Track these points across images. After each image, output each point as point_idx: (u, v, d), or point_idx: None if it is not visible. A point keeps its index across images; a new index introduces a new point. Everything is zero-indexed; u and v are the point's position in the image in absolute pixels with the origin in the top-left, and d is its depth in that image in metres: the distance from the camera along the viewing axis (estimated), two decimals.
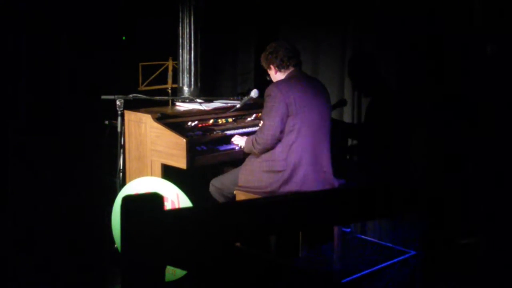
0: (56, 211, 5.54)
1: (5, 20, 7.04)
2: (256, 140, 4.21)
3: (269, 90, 4.18)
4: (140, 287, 1.58)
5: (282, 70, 4.32)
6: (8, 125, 7.15)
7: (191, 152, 4.31)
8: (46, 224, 5.29)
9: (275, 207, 2.15)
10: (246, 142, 4.35)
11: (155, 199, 1.61)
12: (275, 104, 4.11)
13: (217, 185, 4.47)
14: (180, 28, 5.18)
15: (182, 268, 2.81)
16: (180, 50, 5.20)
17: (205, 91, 5.29)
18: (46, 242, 4.89)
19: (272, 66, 4.35)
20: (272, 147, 4.17)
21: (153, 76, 5.79)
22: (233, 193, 4.35)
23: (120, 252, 1.73)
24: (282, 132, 4.12)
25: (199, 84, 5.21)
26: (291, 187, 4.14)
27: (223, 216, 1.92)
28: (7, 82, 7.15)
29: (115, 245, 4.46)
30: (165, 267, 1.69)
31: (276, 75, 4.35)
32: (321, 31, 5.33)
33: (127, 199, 1.63)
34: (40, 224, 5.31)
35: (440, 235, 4.44)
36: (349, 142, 5.18)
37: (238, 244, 4.07)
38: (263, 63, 4.42)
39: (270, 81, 4.42)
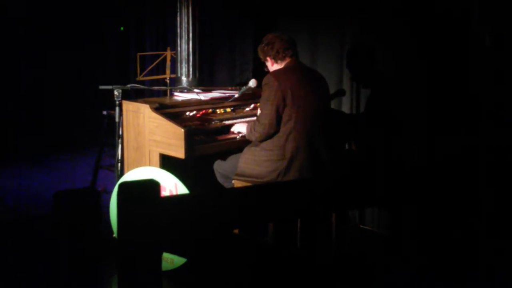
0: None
1: (4, 14, 7.04)
2: (254, 128, 4.22)
3: (266, 79, 4.18)
4: (137, 272, 1.58)
5: (279, 61, 4.32)
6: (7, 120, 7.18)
7: (189, 142, 4.31)
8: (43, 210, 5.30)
9: (273, 194, 2.15)
10: (247, 128, 4.36)
11: (152, 185, 1.61)
12: (271, 93, 4.11)
13: (220, 170, 4.50)
14: (178, 18, 5.17)
15: (179, 254, 2.82)
16: (178, 40, 5.19)
17: (203, 81, 5.28)
18: (44, 232, 4.89)
19: (268, 58, 4.36)
20: (269, 136, 4.17)
21: (151, 66, 5.79)
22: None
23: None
24: (279, 120, 4.13)
25: (197, 74, 5.21)
26: (289, 176, 4.14)
27: (220, 203, 1.92)
28: (6, 77, 7.17)
29: (114, 235, 4.46)
30: (161, 253, 1.70)
31: (273, 67, 4.36)
32: (320, 21, 5.32)
33: (123, 186, 1.63)
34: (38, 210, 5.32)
35: (431, 226, 4.45)
36: (347, 131, 5.17)
37: (236, 231, 4.08)
38: (260, 55, 4.44)
39: (268, 72, 4.42)
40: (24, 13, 7.19)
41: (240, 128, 4.56)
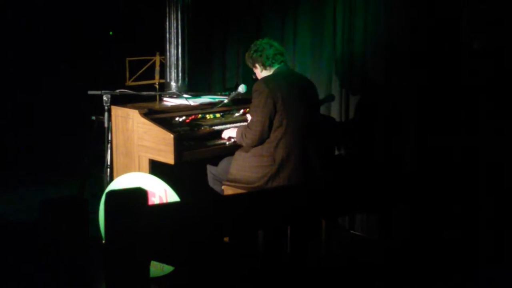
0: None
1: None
2: (245, 134, 4.21)
3: (257, 86, 4.18)
4: (123, 281, 1.56)
5: (268, 68, 4.33)
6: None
7: (179, 147, 4.30)
8: (32, 219, 5.27)
9: (263, 201, 2.14)
10: (237, 133, 4.35)
11: (139, 194, 1.60)
12: (262, 99, 4.11)
13: (213, 172, 4.50)
14: (167, 23, 5.16)
15: (167, 263, 2.80)
16: (168, 45, 5.18)
17: (192, 87, 5.27)
18: (33, 239, 4.87)
19: (257, 65, 4.36)
20: (260, 143, 4.17)
21: (140, 71, 5.76)
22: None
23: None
24: (270, 127, 4.13)
25: (186, 80, 5.20)
26: (279, 182, 4.14)
27: (209, 211, 1.91)
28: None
29: (103, 241, 4.43)
30: (149, 262, 1.68)
31: (262, 73, 4.37)
32: (309, 28, 5.31)
33: (110, 194, 1.62)
34: (27, 219, 5.28)
35: (425, 229, 4.45)
36: (337, 137, 5.17)
37: (225, 239, 4.07)
38: (248, 62, 4.44)
39: (257, 79, 4.41)
40: (18, 15, 7.19)
41: (230, 133, 4.56)
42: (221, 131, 4.65)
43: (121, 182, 4.26)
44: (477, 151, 4.13)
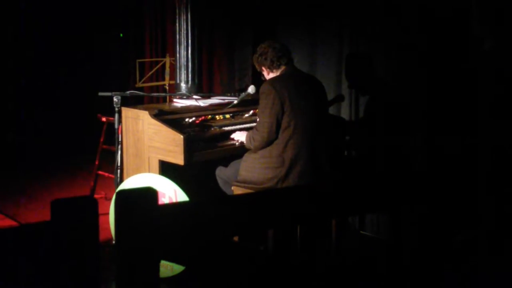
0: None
1: (6, 18, 7.06)
2: (252, 137, 4.21)
3: (263, 88, 4.18)
4: (134, 280, 1.57)
5: (274, 70, 4.33)
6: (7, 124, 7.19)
7: (189, 148, 4.31)
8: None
9: (272, 201, 2.15)
10: (246, 137, 4.35)
11: (149, 193, 1.61)
12: (269, 101, 4.11)
13: (222, 176, 4.51)
14: (177, 24, 5.17)
15: (177, 262, 2.81)
16: (177, 47, 5.19)
17: (202, 88, 5.28)
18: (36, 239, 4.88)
19: (263, 68, 4.37)
20: (269, 144, 4.17)
21: (150, 73, 5.79)
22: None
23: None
24: (278, 128, 4.12)
25: (196, 81, 5.21)
26: (288, 183, 4.13)
27: (219, 210, 1.91)
28: (8, 80, 7.18)
29: (114, 242, 4.45)
30: (159, 261, 1.69)
31: (269, 76, 4.37)
32: (318, 28, 5.32)
33: (121, 194, 1.63)
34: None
35: (437, 230, 4.44)
36: (347, 137, 5.17)
37: (236, 238, 4.08)
38: (256, 65, 4.44)
39: (265, 81, 4.42)
40: (28, 14, 7.23)
41: (240, 136, 4.56)
42: (231, 132, 4.66)
43: (131, 183, 4.28)
44: (485, 150, 4.12)
